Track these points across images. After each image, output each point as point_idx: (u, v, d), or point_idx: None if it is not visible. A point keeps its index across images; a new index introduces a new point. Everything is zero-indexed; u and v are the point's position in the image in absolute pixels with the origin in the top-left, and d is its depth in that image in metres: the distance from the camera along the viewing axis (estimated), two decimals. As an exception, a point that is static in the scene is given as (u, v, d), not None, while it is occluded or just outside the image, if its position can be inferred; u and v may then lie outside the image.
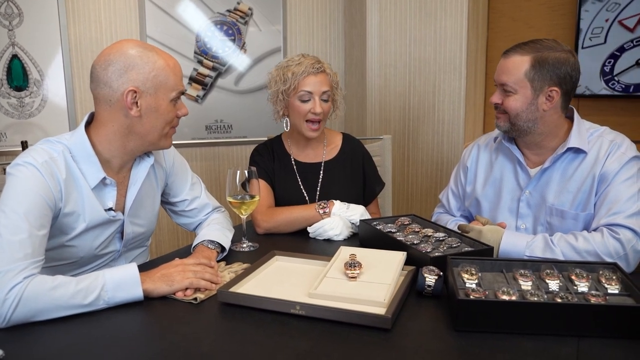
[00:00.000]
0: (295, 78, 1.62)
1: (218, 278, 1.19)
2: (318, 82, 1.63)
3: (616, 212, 1.33)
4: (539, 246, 1.32)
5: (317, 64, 1.64)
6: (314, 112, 1.63)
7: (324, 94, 1.64)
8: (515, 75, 1.39)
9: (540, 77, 1.37)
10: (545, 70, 1.37)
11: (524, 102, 1.40)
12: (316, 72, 1.63)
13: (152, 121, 1.23)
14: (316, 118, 1.64)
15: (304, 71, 1.62)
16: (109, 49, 1.21)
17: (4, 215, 1.06)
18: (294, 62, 1.66)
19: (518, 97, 1.40)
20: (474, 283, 1.06)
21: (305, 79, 1.62)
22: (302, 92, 1.62)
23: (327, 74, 1.66)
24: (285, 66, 1.66)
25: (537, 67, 1.37)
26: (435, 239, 1.36)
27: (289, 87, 1.63)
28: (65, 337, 0.98)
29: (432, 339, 0.95)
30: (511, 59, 1.40)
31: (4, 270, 1.00)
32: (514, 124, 1.43)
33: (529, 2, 3.05)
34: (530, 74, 1.37)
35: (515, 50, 1.41)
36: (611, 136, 1.44)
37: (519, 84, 1.39)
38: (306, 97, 1.63)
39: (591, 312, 0.95)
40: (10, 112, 2.49)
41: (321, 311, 1.01)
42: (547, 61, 1.36)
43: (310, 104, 1.63)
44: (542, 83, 1.37)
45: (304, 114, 1.64)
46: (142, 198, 1.33)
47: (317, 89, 1.63)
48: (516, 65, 1.39)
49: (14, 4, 2.43)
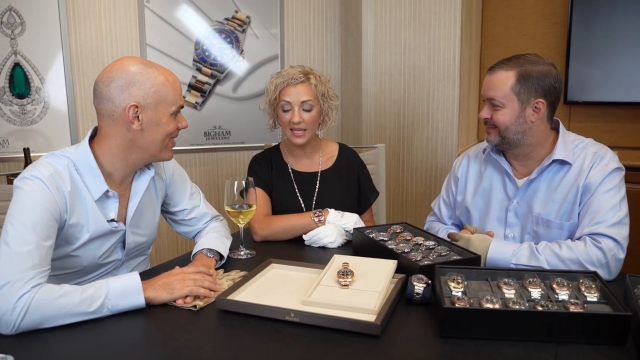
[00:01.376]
0: (276, 90, 1.71)
1: (216, 286, 1.25)
2: (296, 92, 1.69)
3: (598, 221, 1.38)
4: (524, 254, 1.37)
5: (299, 74, 1.70)
6: (292, 122, 1.69)
7: (304, 104, 1.69)
8: (502, 90, 1.44)
9: (526, 90, 1.43)
10: (530, 83, 1.42)
11: (512, 115, 1.45)
12: (296, 82, 1.69)
13: (153, 134, 1.28)
14: (296, 127, 1.70)
15: (283, 82, 1.69)
16: (110, 67, 1.26)
17: (12, 227, 1.11)
18: (279, 74, 1.74)
19: (506, 111, 1.45)
20: (459, 291, 1.11)
21: (285, 90, 1.69)
22: (282, 102, 1.70)
23: (309, 84, 1.70)
24: (272, 79, 1.75)
25: (522, 80, 1.43)
26: (426, 247, 1.41)
27: (271, 99, 1.73)
28: (71, 344, 1.03)
29: (419, 346, 1.01)
30: (496, 75, 1.46)
31: (13, 280, 1.05)
32: (504, 137, 1.49)
33: (522, 11, 3.11)
34: (516, 87, 1.43)
35: (499, 66, 1.47)
36: (595, 148, 1.50)
37: (506, 98, 1.44)
38: (287, 107, 1.70)
39: (569, 319, 1.00)
40: (13, 119, 2.54)
41: (314, 318, 1.07)
42: (531, 74, 1.42)
43: (290, 113, 1.70)
44: (528, 96, 1.43)
45: (286, 123, 1.72)
46: (143, 209, 1.38)
47: (295, 99, 1.69)
48: (502, 80, 1.45)
49: (16, 13, 2.48)
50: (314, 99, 1.71)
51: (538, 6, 3.06)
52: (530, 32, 3.11)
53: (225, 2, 2.80)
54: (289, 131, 1.72)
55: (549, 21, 3.05)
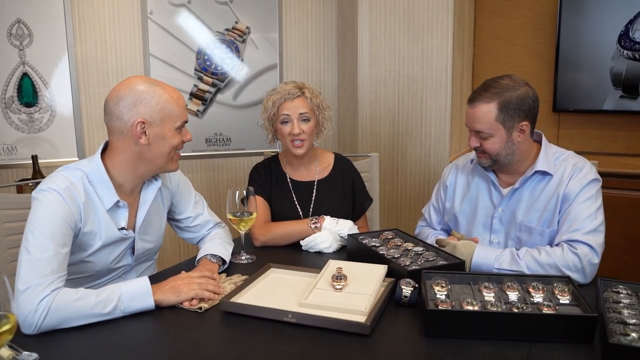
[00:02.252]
0: (274, 106, 1.80)
1: (220, 289, 1.35)
2: (294, 106, 1.79)
3: (576, 229, 1.48)
4: (506, 259, 1.47)
5: (294, 89, 1.80)
6: (292, 133, 1.79)
7: (302, 115, 1.80)
8: (487, 122, 1.52)
9: (509, 118, 1.51)
10: (512, 110, 1.51)
11: (501, 142, 1.54)
12: (292, 97, 1.80)
13: (159, 148, 1.38)
14: (296, 137, 1.80)
15: (280, 98, 1.80)
16: (119, 86, 1.36)
17: (32, 235, 1.21)
18: (274, 91, 1.84)
19: (495, 140, 1.54)
20: (443, 294, 1.21)
21: (283, 104, 1.80)
22: (282, 115, 1.80)
23: (305, 97, 1.81)
24: (267, 96, 1.85)
25: (504, 110, 1.51)
26: (415, 252, 1.51)
27: (270, 114, 1.82)
28: (87, 342, 1.13)
29: (405, 344, 1.11)
30: (478, 108, 1.53)
31: (35, 284, 1.15)
32: (496, 160, 1.58)
33: (513, 21, 3.21)
34: (500, 117, 1.51)
35: (478, 99, 1.53)
36: (574, 160, 1.60)
37: (493, 129, 1.53)
38: (285, 120, 1.80)
39: (542, 320, 1.10)
40: (21, 127, 2.64)
41: (310, 319, 1.16)
42: (511, 102, 1.50)
43: (290, 125, 1.80)
44: (513, 122, 1.52)
45: (286, 135, 1.81)
46: (151, 217, 1.48)
47: (293, 112, 1.79)
48: (484, 113, 1.52)
49: (24, 25, 2.57)
50: (310, 111, 1.81)
51: (528, 17, 3.16)
52: (520, 41, 3.21)
53: (225, 13, 2.90)
54: (289, 143, 1.82)
55: (539, 31, 3.15)
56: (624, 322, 1.08)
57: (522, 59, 3.21)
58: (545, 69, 3.13)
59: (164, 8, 2.79)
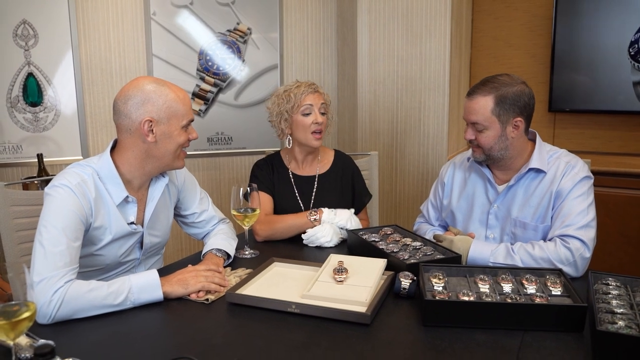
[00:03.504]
0: (297, 97, 1.88)
1: (226, 282, 1.40)
2: (316, 97, 1.90)
3: (568, 224, 1.54)
4: (501, 254, 1.53)
5: (312, 85, 1.92)
6: (316, 122, 1.87)
7: (322, 107, 1.90)
8: (483, 115, 1.59)
9: (505, 112, 1.57)
10: (508, 104, 1.57)
11: (495, 136, 1.60)
12: (313, 91, 1.90)
13: (166, 145, 1.43)
14: (319, 128, 1.88)
15: (303, 91, 1.89)
16: (127, 86, 1.41)
17: (45, 230, 1.26)
18: (292, 86, 1.92)
19: (489, 133, 1.60)
20: (440, 286, 1.27)
21: (306, 96, 1.88)
22: (304, 106, 1.87)
23: (321, 93, 1.93)
24: (284, 91, 1.92)
25: (500, 103, 1.57)
26: (413, 247, 1.57)
27: (292, 105, 1.88)
28: (99, 332, 1.18)
29: (404, 333, 1.16)
30: (476, 100, 1.60)
31: (49, 276, 1.20)
32: (489, 155, 1.64)
33: (509, 23, 3.27)
34: (496, 110, 1.57)
35: (476, 92, 1.60)
36: (567, 158, 1.65)
37: (488, 121, 1.59)
38: (308, 111, 1.88)
39: (534, 310, 1.15)
40: (26, 126, 2.68)
41: (313, 309, 1.22)
42: (507, 97, 1.57)
43: (312, 116, 1.88)
44: (508, 116, 1.58)
45: (308, 125, 1.88)
46: (158, 212, 1.53)
47: (316, 102, 1.89)
48: (482, 105, 1.59)
49: (29, 26, 2.62)
50: (326, 105, 1.93)
51: (524, 19, 3.22)
52: (516, 43, 3.27)
53: (227, 14, 2.95)
54: (309, 135, 1.89)
55: (534, 33, 3.21)
56: (612, 311, 1.13)
57: (518, 60, 3.26)
58: (541, 70, 3.18)
59: (166, 9, 2.83)
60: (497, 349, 1.08)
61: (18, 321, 0.90)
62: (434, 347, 1.09)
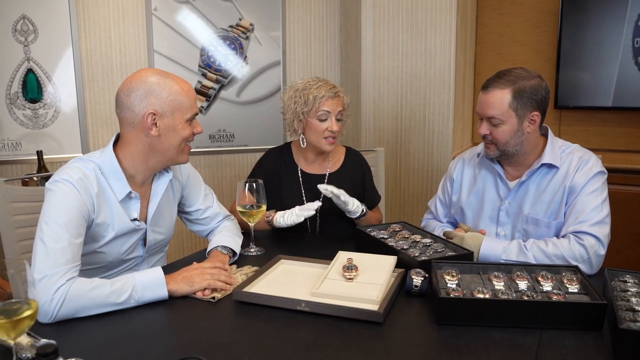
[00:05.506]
0: (316, 100, 1.79)
1: (232, 279, 1.36)
2: (334, 104, 1.81)
3: (582, 220, 1.50)
4: (513, 251, 1.49)
5: (334, 88, 1.83)
6: (330, 130, 1.80)
7: (339, 114, 1.83)
8: (500, 108, 1.54)
9: (522, 106, 1.53)
10: (526, 98, 1.53)
11: (511, 131, 1.55)
12: (333, 96, 1.81)
13: (170, 139, 1.39)
14: (332, 135, 1.82)
15: (324, 95, 1.80)
16: (130, 78, 1.37)
17: (47, 226, 1.22)
18: (312, 85, 1.82)
19: (506, 127, 1.55)
20: (454, 283, 1.23)
21: (325, 101, 1.80)
22: (321, 112, 1.80)
23: (341, 98, 1.85)
24: (304, 88, 1.82)
25: (517, 97, 1.52)
26: (423, 244, 1.53)
27: (310, 109, 1.80)
28: (103, 331, 1.14)
29: (417, 331, 1.12)
30: (492, 94, 1.54)
31: (50, 273, 1.16)
32: (504, 150, 1.59)
33: (515, 19, 3.24)
34: (514, 104, 1.53)
35: (493, 85, 1.55)
36: (580, 153, 1.61)
37: (505, 115, 1.54)
38: (324, 117, 1.81)
39: (552, 308, 1.12)
40: (26, 122, 2.64)
41: (323, 308, 1.18)
42: (525, 90, 1.52)
43: (328, 122, 1.81)
44: (525, 110, 1.54)
45: (322, 131, 1.81)
46: (162, 209, 1.49)
47: (334, 110, 1.81)
48: (499, 99, 1.53)
49: (29, 21, 2.58)
50: (343, 110, 1.85)
51: (529, 15, 3.18)
52: (522, 39, 3.23)
53: (229, 9, 2.91)
54: (322, 139, 1.82)
55: (540, 29, 3.17)
56: (633, 309, 1.10)
57: (523, 56, 3.23)
58: (547, 66, 3.15)
59: (168, 4, 2.79)
60: (515, 348, 1.04)
61: (19, 320, 0.87)
62: (450, 346, 1.05)
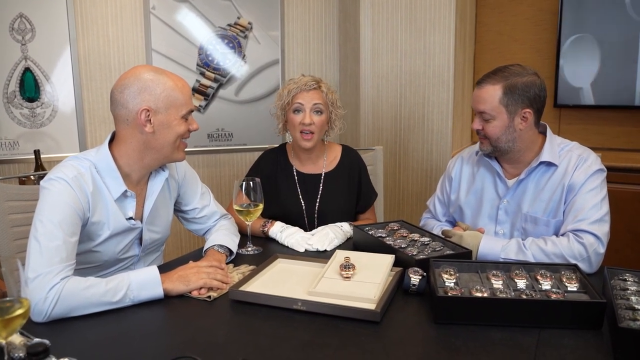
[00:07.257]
0: (290, 94, 1.81)
1: (228, 278, 1.35)
2: (309, 96, 1.80)
3: (581, 219, 1.49)
4: (512, 249, 1.48)
5: (311, 82, 1.81)
6: (303, 123, 1.79)
7: (315, 106, 1.80)
8: (491, 103, 1.54)
9: (513, 102, 1.53)
10: (517, 94, 1.52)
11: (502, 126, 1.55)
12: (309, 89, 1.80)
13: (164, 136, 1.37)
14: (306, 128, 1.80)
15: (297, 87, 1.80)
16: (125, 75, 1.36)
17: (41, 224, 1.21)
18: (292, 81, 1.84)
19: (496, 123, 1.55)
20: (452, 282, 1.22)
21: (299, 94, 1.80)
22: (295, 104, 1.80)
23: (321, 91, 1.82)
24: (286, 85, 1.85)
25: (508, 93, 1.52)
26: (421, 243, 1.52)
27: (284, 102, 1.82)
28: (98, 330, 1.13)
29: (415, 330, 1.11)
30: (484, 89, 1.55)
31: (44, 272, 1.15)
32: (496, 146, 1.59)
33: (514, 17, 3.23)
34: (504, 100, 1.53)
35: (486, 80, 1.56)
36: (579, 151, 1.60)
37: (496, 110, 1.54)
38: (298, 109, 1.81)
39: (551, 306, 1.11)
40: (23, 121, 2.63)
41: (320, 307, 1.17)
42: (516, 86, 1.52)
43: (301, 115, 1.80)
44: (516, 107, 1.53)
45: (296, 124, 1.81)
46: (158, 208, 1.48)
47: (307, 102, 1.80)
48: (490, 94, 1.54)
49: (27, 20, 2.56)
50: (324, 105, 1.82)
51: (529, 13, 3.17)
52: (521, 37, 3.22)
53: (227, 8, 2.90)
54: (298, 134, 1.81)
55: (540, 27, 3.16)
56: (633, 308, 1.09)
57: (523, 54, 3.22)
58: (546, 64, 3.14)
59: (166, 3, 2.78)
60: (515, 347, 1.03)
61: (10, 318, 0.86)
62: (448, 346, 1.04)
